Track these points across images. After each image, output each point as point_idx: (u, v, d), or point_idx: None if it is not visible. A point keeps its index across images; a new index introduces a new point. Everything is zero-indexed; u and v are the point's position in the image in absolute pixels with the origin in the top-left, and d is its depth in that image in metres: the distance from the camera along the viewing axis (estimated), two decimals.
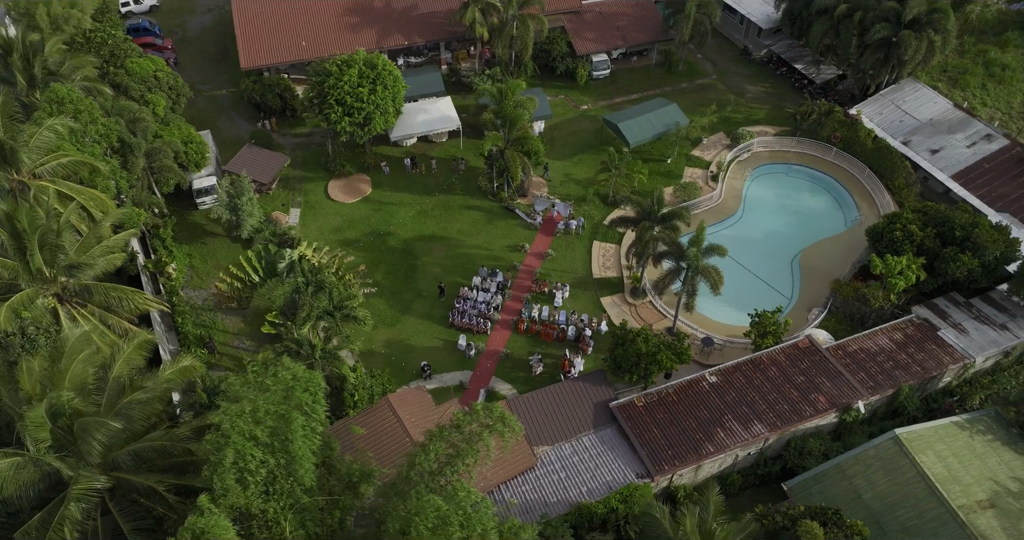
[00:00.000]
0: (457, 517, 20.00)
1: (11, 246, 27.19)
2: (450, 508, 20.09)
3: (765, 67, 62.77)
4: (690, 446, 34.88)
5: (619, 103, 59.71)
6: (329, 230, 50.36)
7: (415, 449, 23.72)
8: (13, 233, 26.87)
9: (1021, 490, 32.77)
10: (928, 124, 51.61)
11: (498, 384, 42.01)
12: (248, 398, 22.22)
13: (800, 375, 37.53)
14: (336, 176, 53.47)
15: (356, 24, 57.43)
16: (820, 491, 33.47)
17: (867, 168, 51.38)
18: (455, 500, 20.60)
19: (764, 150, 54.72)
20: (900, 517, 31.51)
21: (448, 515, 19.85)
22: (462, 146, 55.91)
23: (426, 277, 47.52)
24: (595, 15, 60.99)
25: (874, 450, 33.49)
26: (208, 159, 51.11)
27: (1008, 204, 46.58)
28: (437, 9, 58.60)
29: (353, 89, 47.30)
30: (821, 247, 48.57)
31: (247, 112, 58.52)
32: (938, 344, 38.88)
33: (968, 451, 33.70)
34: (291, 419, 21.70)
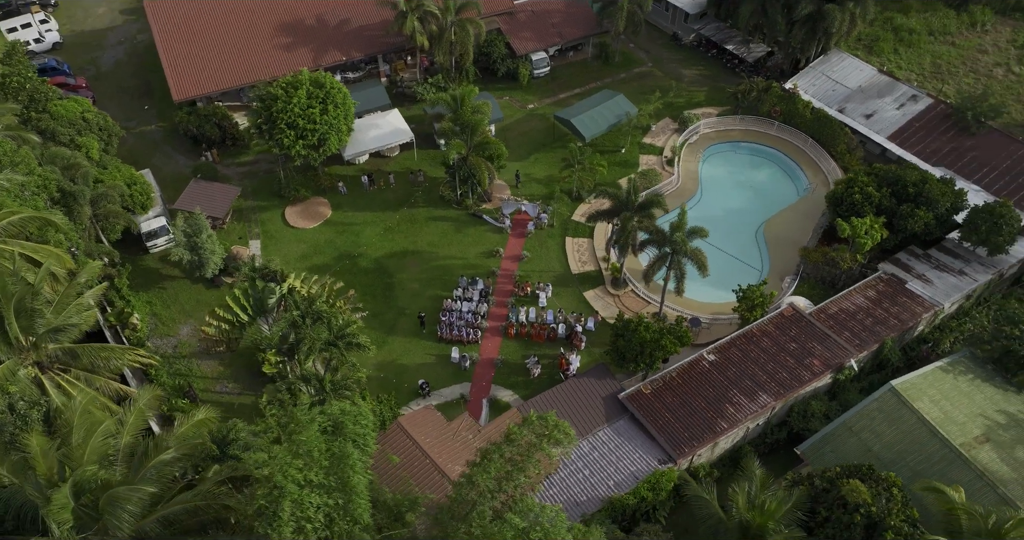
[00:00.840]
0: (537, 533, 19.74)
1: None
2: (528, 525, 19.80)
3: (696, 51, 64.77)
4: (704, 425, 35.68)
5: (564, 99, 60.30)
6: (295, 258, 48.66)
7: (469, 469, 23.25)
8: None
9: (1008, 421, 35.17)
10: (859, 91, 54.57)
11: (499, 392, 41.71)
12: (296, 441, 21.20)
13: (792, 342, 39.01)
14: (292, 202, 51.72)
15: (289, 44, 55.65)
16: (831, 450, 34.89)
17: (809, 138, 53.83)
18: (529, 516, 20.31)
19: (711, 131, 56.47)
20: (910, 463, 33.25)
21: (529, 532, 19.57)
22: (416, 158, 55.17)
23: (405, 294, 46.64)
24: (528, 14, 61.32)
25: (875, 404, 35.18)
26: (154, 199, 48.51)
27: (942, 158, 49.81)
28: (370, 22, 57.51)
29: (304, 111, 45.84)
30: (781, 218, 50.57)
31: (183, 146, 55.83)
32: (909, 296, 41.22)
33: (956, 392, 35.91)
34: (347, 454, 20.86)
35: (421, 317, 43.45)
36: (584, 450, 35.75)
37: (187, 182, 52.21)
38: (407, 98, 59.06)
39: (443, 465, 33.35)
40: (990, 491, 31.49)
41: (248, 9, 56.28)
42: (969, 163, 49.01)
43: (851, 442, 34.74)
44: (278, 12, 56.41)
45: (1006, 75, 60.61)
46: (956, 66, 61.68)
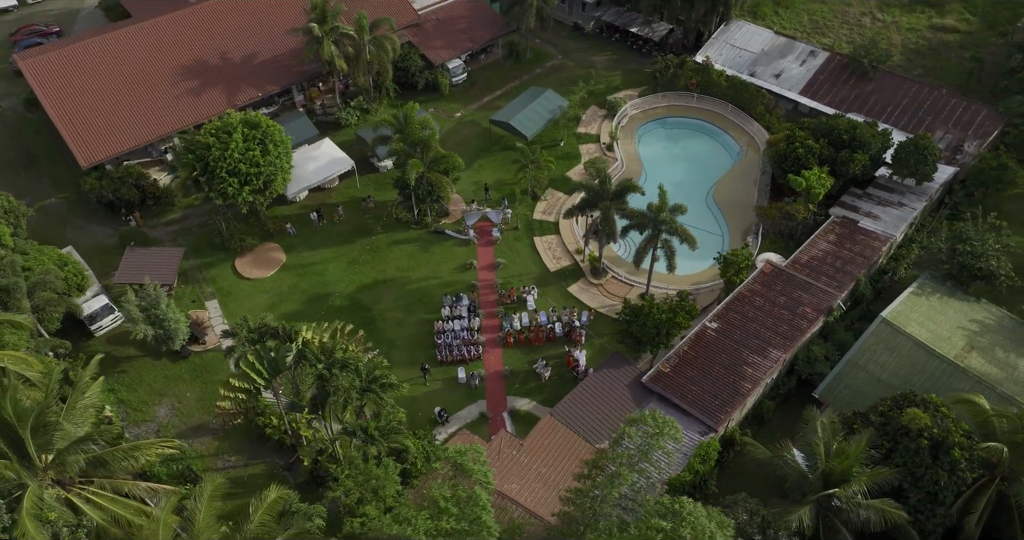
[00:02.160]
0: (686, 529, 19.81)
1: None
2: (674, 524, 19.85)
3: (599, 38, 66.62)
4: (730, 390, 37.08)
5: (488, 102, 60.27)
6: (261, 310, 45.52)
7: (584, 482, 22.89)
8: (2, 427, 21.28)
9: (981, 328, 39.05)
10: (763, 54, 58.26)
11: (516, 401, 41.30)
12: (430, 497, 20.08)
13: (780, 296, 41.25)
14: (239, 253, 48.54)
15: (197, 87, 51.94)
16: (845, 387, 37.33)
17: (729, 104, 56.89)
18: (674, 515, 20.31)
19: (638, 112, 58.38)
20: (917, 384, 36.13)
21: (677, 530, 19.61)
22: (359, 185, 53.31)
23: (389, 325, 45.03)
24: (434, 23, 60.64)
25: (872, 337, 37.95)
26: (89, 278, 44.02)
27: (850, 104, 54.19)
28: (279, 52, 54.74)
29: (244, 155, 43.03)
30: (724, 183, 53.20)
31: (95, 215, 50.98)
32: (865, 234, 44.68)
33: (933, 312, 39.41)
34: (476, 495, 20.01)
35: (424, 368, 41.33)
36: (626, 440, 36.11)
37: (112, 253, 48.01)
38: (331, 126, 56.92)
39: (499, 486, 32.63)
40: (991, 392, 34.83)
41: (141, 56, 51.93)
42: (874, 105, 53.65)
43: (860, 376, 37.30)
44: (176, 54, 52.47)
45: (873, 23, 66.57)
46: (830, 20, 67.07)
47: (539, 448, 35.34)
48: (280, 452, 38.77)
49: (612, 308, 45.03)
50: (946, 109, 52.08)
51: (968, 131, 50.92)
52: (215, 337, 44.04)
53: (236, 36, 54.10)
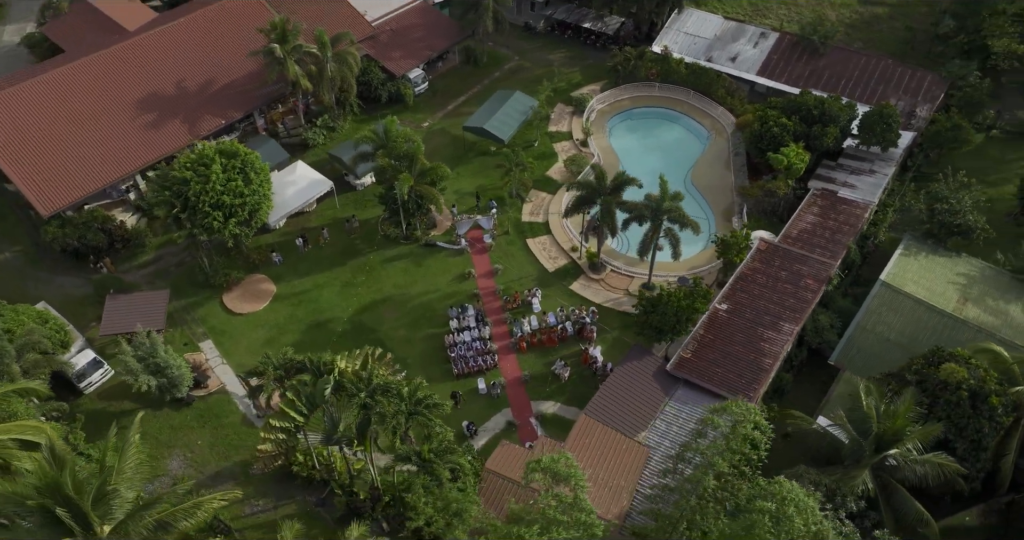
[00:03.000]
0: (789, 506, 20.17)
1: (65, 518, 19.84)
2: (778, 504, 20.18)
3: (551, 36, 67.02)
4: (753, 367, 38.03)
5: (454, 109, 59.79)
6: (260, 345, 43.94)
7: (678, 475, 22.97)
8: (63, 503, 19.57)
9: (968, 280, 41.38)
10: (716, 39, 59.92)
11: (541, 405, 41.10)
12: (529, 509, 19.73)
13: (781, 271, 42.57)
14: (226, 288, 46.51)
15: (155, 121, 49.39)
16: (858, 351, 38.86)
17: (691, 90, 58.27)
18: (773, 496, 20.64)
19: (604, 105, 59.06)
20: (923, 340, 37.97)
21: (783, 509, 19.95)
22: (339, 205, 51.95)
23: (397, 344, 44.02)
24: (390, 34, 59.66)
25: (876, 301, 39.63)
26: (71, 334, 41.31)
27: (806, 81, 56.38)
28: (235, 77, 52.64)
29: (225, 186, 41.21)
30: (699, 167, 54.44)
31: (59, 266, 47.97)
32: (846, 203, 46.62)
33: (924, 270, 41.51)
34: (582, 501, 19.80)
35: (456, 395, 40.16)
36: (662, 429, 36.60)
37: (86, 304, 45.44)
38: (297, 147, 55.26)
39: None
40: (991, 339, 36.91)
41: (92, 94, 48.90)
42: (828, 80, 56.00)
43: (870, 339, 38.91)
44: (128, 88, 49.68)
45: (808, 1, 69.52)
46: (768, 2, 69.59)
47: (581, 448, 35.31)
48: (310, 488, 37.39)
49: (617, 302, 45.48)
50: (895, 78, 54.88)
51: (917, 97, 53.82)
52: (217, 379, 42.13)
53: (188, 64, 51.68)
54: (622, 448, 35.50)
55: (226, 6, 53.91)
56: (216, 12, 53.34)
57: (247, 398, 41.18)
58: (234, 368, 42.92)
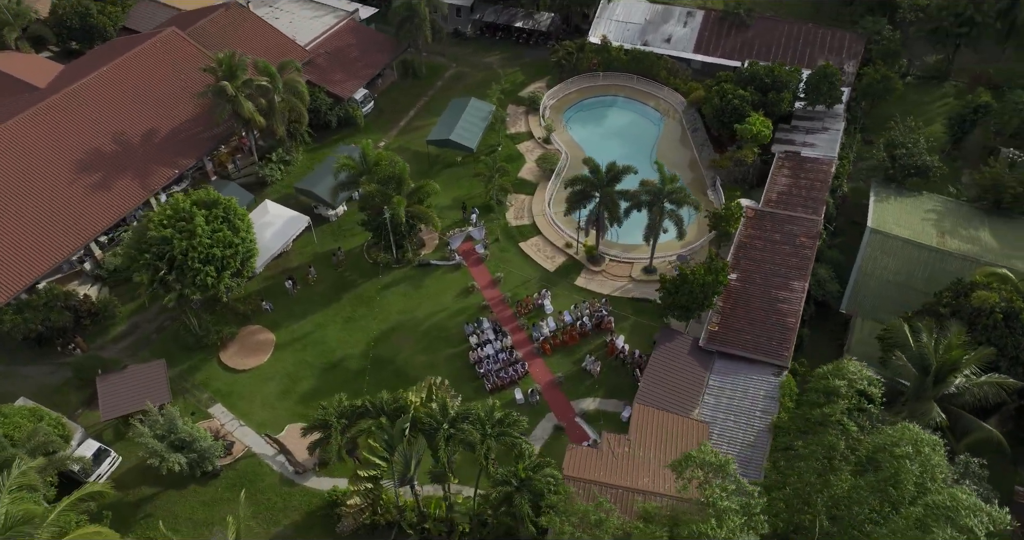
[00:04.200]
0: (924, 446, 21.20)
1: None
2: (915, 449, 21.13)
3: (482, 39, 66.83)
4: (779, 328, 39.71)
5: (407, 125, 58.62)
6: (276, 399, 41.61)
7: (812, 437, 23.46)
8: None
9: (938, 215, 44.94)
10: (648, 23, 61.77)
11: (581, 404, 41.13)
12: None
13: (774, 233, 44.64)
14: (221, 347, 43.58)
15: (103, 180, 45.38)
16: (863, 295, 41.37)
17: (634, 76, 59.82)
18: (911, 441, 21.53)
19: (555, 101, 59.59)
20: (918, 275, 40.99)
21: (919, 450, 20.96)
22: (316, 239, 49.74)
23: (420, 369, 42.76)
24: (325, 56, 57.57)
25: (869, 247, 42.31)
26: (68, 426, 37.46)
27: (739, 53, 59.12)
28: (179, 122, 49.20)
29: (212, 238, 38.50)
30: (661, 147, 56.01)
31: (19, 356, 43.73)
32: (811, 161, 49.40)
33: (899, 211, 44.72)
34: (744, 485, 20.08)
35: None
36: (711, 404, 37.60)
37: (64, 392, 41.64)
38: (254, 186, 52.42)
39: (634, 484, 32.70)
40: (977, 264, 40.32)
41: (28, 158, 44.14)
42: (760, 49, 59.04)
43: (872, 283, 41.55)
44: (66, 148, 45.30)
45: None
46: None
47: (645, 437, 35.70)
48: (375, 535, 35.76)
49: (624, 289, 46.19)
50: (818, 40, 58.61)
51: (842, 55, 57.73)
52: (240, 443, 39.45)
53: (125, 114, 47.76)
54: (683, 428, 36.17)
55: (150, 48, 50.24)
56: (142, 56, 49.60)
57: (280, 456, 38.86)
58: (255, 428, 40.35)
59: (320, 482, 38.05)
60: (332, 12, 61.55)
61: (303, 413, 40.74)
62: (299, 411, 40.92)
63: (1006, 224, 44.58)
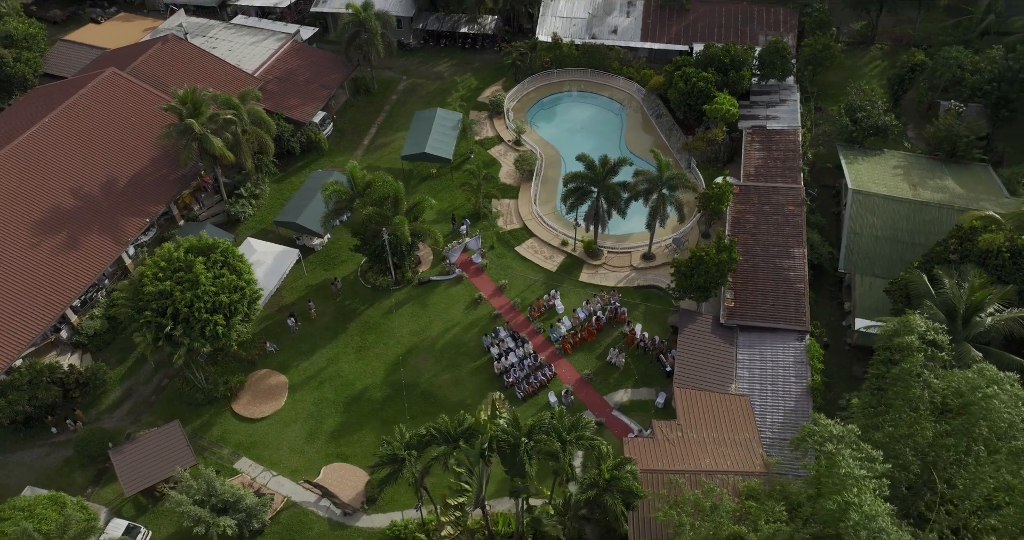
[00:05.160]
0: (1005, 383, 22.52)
1: None
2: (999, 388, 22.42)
3: (427, 48, 65.94)
4: (792, 294, 41.30)
5: (371, 143, 57.31)
6: (304, 442, 39.85)
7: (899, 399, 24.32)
8: None
9: (903, 170, 47.78)
10: (592, 17, 62.65)
11: (614, 397, 41.35)
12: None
13: (764, 206, 46.34)
14: (231, 398, 41.31)
15: (70, 240, 41.99)
16: (856, 254, 43.50)
17: (588, 69, 60.61)
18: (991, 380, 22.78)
19: (515, 103, 59.57)
20: (902, 227, 43.52)
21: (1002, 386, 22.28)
22: (306, 271, 47.83)
23: (447, 389, 41.98)
24: (276, 82, 55.33)
25: (854, 207, 44.51)
26: (93, 509, 34.55)
27: (684, 37, 60.82)
28: (140, 167, 46.12)
29: (216, 283, 36.33)
30: (629, 136, 56.99)
31: (8, 441, 40.39)
32: (777, 133, 51.49)
33: (871, 170, 47.30)
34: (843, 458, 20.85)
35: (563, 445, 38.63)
36: (746, 375, 38.71)
37: (66, 473, 38.54)
38: (227, 225, 49.86)
39: (696, 466, 33.27)
40: (955, 211, 43.18)
41: None
42: (703, 31, 61.00)
43: (862, 241, 43.80)
44: (21, 209, 41.58)
45: None
46: None
47: (693, 419, 36.36)
48: None
49: (629, 278, 46.80)
50: (755, 17, 61.15)
51: (780, 29, 60.49)
52: (279, 494, 37.50)
53: (79, 165, 44.35)
54: (726, 405, 37.07)
55: (93, 93, 46.82)
56: (85, 101, 46.15)
57: (323, 500, 37.23)
58: (290, 476, 38.46)
59: (373, 520, 36.74)
60: (271, 36, 59.22)
61: (337, 452, 39.25)
62: (332, 450, 39.34)
63: (963, 171, 48.01)
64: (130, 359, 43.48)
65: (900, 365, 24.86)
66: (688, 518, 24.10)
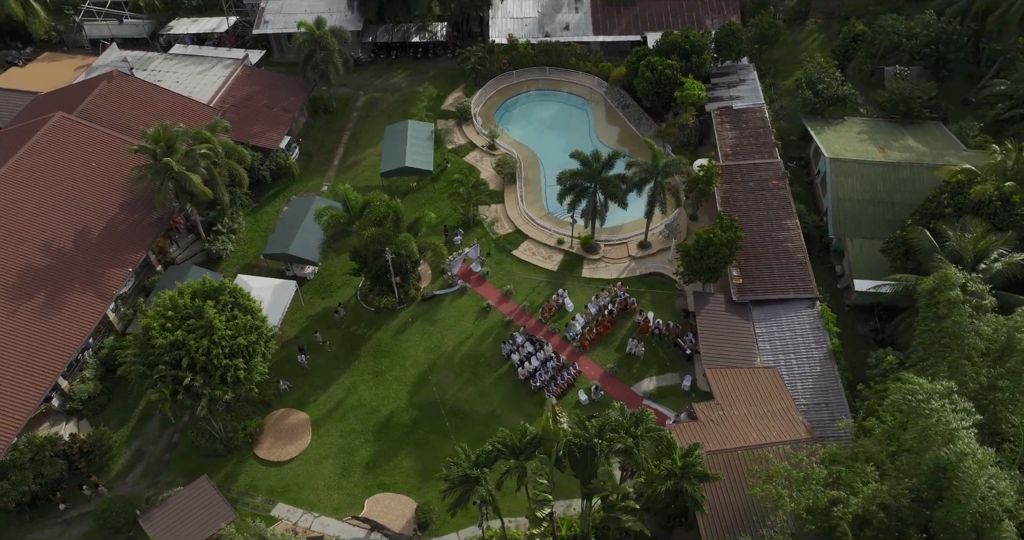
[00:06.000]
0: None
1: None
2: None
3: (378, 61, 64.64)
4: (794, 263, 42.80)
5: (342, 164, 55.80)
6: (340, 478, 38.50)
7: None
8: None
9: (868, 135, 50.12)
10: (542, 15, 62.92)
11: (642, 386, 41.68)
12: None
13: (749, 183, 47.77)
14: (253, 444, 39.41)
15: (49, 303, 38.88)
16: (843, 216, 45.34)
17: (546, 68, 60.92)
18: None
19: (479, 108, 59.18)
20: (882, 189, 45.67)
21: None
22: (304, 303, 46.12)
23: (474, 403, 41.37)
24: (235, 110, 53.00)
25: (834, 175, 46.33)
26: None
27: (636, 27, 61.94)
28: (109, 216, 43.20)
29: (229, 325, 34.50)
30: (599, 130, 57.60)
31: (16, 524, 37.03)
32: (745, 112, 53.14)
33: (839, 138, 49.45)
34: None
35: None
36: (769, 348, 39.83)
37: None
38: (209, 264, 47.44)
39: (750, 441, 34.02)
40: (924, 168, 45.72)
41: None
42: (652, 21, 62.28)
43: (846, 205, 45.76)
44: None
45: None
46: None
47: (731, 396, 37.11)
48: None
49: (631, 269, 47.34)
50: (700, 3, 62.93)
51: (723, 11, 62.49)
52: (328, 535, 36.05)
53: (45, 221, 41.13)
54: (757, 378, 38.03)
55: (44, 141, 43.54)
56: (37, 151, 42.86)
57: (374, 534, 36.03)
58: (333, 514, 37.03)
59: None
60: (218, 63, 56.68)
61: (376, 482, 38.07)
62: (371, 482, 38.12)
63: (920, 130, 50.93)
64: (132, 419, 40.84)
65: (951, 318, 26.15)
66: (784, 491, 24.60)
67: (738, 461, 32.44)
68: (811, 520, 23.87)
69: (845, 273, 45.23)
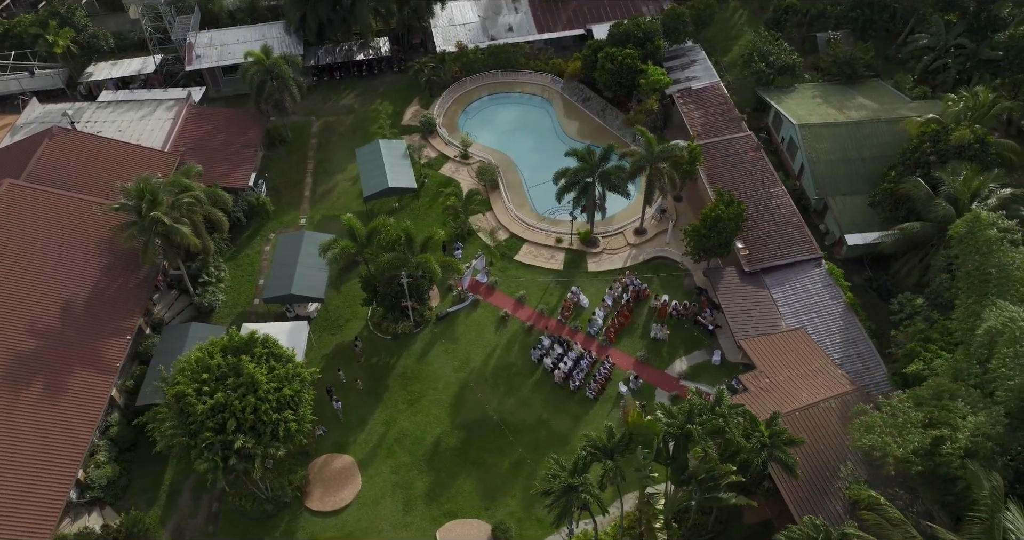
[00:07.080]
0: None
1: None
2: None
3: (322, 83, 62.39)
4: (792, 227, 44.70)
5: (313, 195, 53.55)
6: (403, 514, 37.39)
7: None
8: None
9: (822, 99, 52.76)
10: (484, 19, 62.67)
11: (675, 369, 42.40)
12: None
13: (729, 157, 49.53)
14: (303, 497, 37.41)
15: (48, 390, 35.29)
16: (823, 177, 47.85)
17: (497, 71, 60.76)
18: None
19: (441, 119, 58.28)
20: (851, 147, 48.20)
21: None
22: (315, 342, 44.10)
23: (518, 413, 40.93)
24: (192, 152, 49.85)
25: (803, 141, 48.60)
26: None
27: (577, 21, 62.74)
28: (91, 283, 39.64)
29: (271, 375, 32.52)
30: (564, 126, 57.95)
31: None
32: (707, 90, 54.91)
33: (798, 105, 51.90)
34: None
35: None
36: (790, 311, 41.46)
37: None
38: (200, 318, 44.53)
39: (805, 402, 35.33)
40: (883, 123, 48.75)
41: None
42: (591, 13, 63.06)
43: (822, 168, 48.23)
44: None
45: None
46: None
47: (771, 363, 38.38)
48: None
49: (634, 257, 48.02)
50: None
51: None
52: None
53: (23, 299, 37.24)
54: (789, 341, 39.54)
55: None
56: None
57: None
58: None
59: None
60: (159, 105, 53.09)
61: (442, 512, 37.04)
62: (436, 512, 37.03)
63: (865, 88, 54.33)
64: (161, 496, 37.83)
65: (995, 255, 28.13)
66: (889, 439, 25.70)
67: (798, 421, 33.61)
68: (918, 462, 25.13)
69: (830, 230, 47.71)
